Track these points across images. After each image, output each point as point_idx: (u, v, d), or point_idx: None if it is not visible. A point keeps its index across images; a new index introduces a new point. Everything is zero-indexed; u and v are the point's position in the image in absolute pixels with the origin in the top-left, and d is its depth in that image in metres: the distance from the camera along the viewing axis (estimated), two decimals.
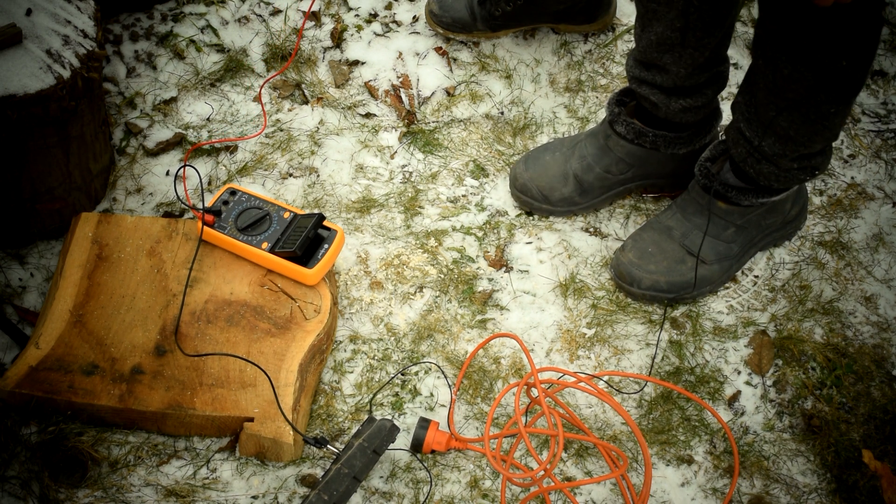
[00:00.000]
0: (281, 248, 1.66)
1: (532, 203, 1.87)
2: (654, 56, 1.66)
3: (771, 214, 1.77)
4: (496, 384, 1.69)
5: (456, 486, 1.58)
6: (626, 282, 1.77)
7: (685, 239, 1.76)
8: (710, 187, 1.73)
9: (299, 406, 1.59)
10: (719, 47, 1.66)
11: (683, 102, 1.71)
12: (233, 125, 1.98)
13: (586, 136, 1.86)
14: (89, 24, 1.68)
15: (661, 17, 1.60)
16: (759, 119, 1.61)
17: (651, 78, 1.70)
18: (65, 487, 1.52)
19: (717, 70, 1.70)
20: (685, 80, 1.68)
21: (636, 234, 1.80)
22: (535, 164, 1.87)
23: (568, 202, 1.86)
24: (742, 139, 1.65)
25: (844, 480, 1.61)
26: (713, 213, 1.74)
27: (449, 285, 1.79)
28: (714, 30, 1.60)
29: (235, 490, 1.55)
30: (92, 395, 1.55)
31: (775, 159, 1.63)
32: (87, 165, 1.77)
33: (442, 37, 2.13)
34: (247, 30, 2.12)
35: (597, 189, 1.85)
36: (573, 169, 1.84)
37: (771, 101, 1.56)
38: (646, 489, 1.52)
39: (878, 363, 1.74)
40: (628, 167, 1.83)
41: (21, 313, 1.71)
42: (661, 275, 1.75)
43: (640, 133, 1.79)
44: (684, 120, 1.76)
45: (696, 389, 1.70)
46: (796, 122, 1.56)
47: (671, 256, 1.75)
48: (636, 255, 1.76)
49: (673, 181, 1.88)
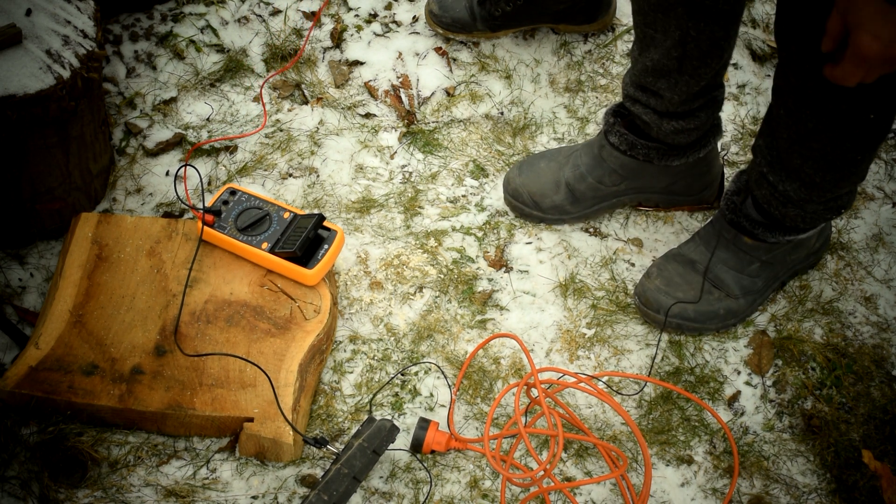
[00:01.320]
0: (281, 248, 1.66)
1: (522, 209, 1.85)
2: (648, 81, 1.64)
3: (797, 250, 1.74)
4: (496, 384, 1.69)
5: (456, 487, 1.58)
6: (653, 308, 1.72)
7: (709, 273, 1.72)
8: (736, 222, 1.69)
9: (299, 406, 1.59)
10: (715, 76, 1.63)
11: (676, 125, 1.69)
12: (233, 125, 1.98)
13: (583, 146, 1.85)
14: (89, 25, 1.68)
15: (658, 44, 1.58)
16: (782, 165, 1.56)
17: (645, 100, 1.68)
18: (65, 487, 1.52)
19: (711, 96, 1.67)
20: (678, 107, 1.66)
21: (660, 263, 1.76)
22: (528, 170, 1.85)
23: (559, 210, 1.84)
24: (766, 182, 1.61)
25: (844, 480, 1.61)
26: (738, 247, 1.70)
27: (449, 285, 1.79)
28: (711, 60, 1.58)
29: (235, 490, 1.55)
30: (92, 395, 1.55)
31: (801, 204, 1.59)
32: (87, 166, 1.77)
33: (442, 37, 2.13)
34: (247, 30, 2.12)
35: (589, 199, 1.83)
36: (566, 177, 1.83)
37: (795, 150, 1.52)
38: (646, 489, 1.52)
39: (877, 363, 1.74)
40: (621, 179, 1.81)
41: (21, 313, 1.71)
42: (689, 303, 1.71)
43: (633, 145, 1.75)
44: (676, 141, 1.73)
45: (695, 390, 1.70)
46: (822, 169, 1.52)
47: (697, 288, 1.72)
48: (663, 283, 1.73)
49: (667, 196, 1.86)
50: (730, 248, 1.71)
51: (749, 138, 2.01)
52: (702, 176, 1.84)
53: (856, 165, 1.53)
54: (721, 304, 1.72)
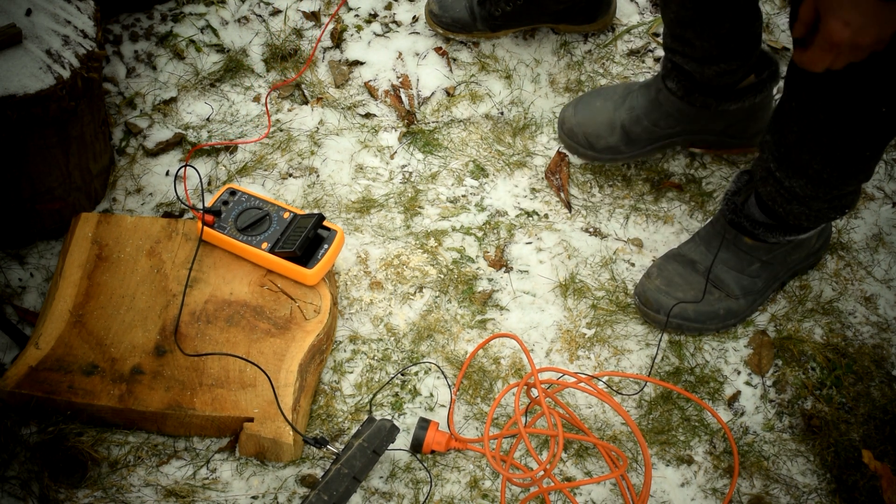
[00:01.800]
0: (281, 248, 1.66)
1: (577, 148, 1.87)
2: (677, 32, 1.66)
3: (797, 251, 1.74)
4: (496, 384, 1.69)
5: (456, 487, 1.58)
6: (653, 308, 1.72)
7: (710, 273, 1.72)
8: (737, 223, 1.69)
9: (299, 406, 1.59)
10: (741, 14, 1.62)
11: (717, 68, 1.69)
12: (232, 125, 1.98)
13: (639, 86, 1.85)
14: (89, 25, 1.68)
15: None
16: (790, 160, 1.56)
17: (681, 49, 1.69)
18: (65, 487, 1.52)
19: (748, 32, 1.66)
20: (714, 50, 1.66)
21: (660, 263, 1.76)
22: (584, 108, 1.86)
23: (613, 151, 1.86)
24: (771, 178, 1.60)
25: (844, 480, 1.61)
26: (739, 248, 1.70)
27: (449, 285, 1.79)
28: (727, 2, 1.58)
29: (235, 490, 1.55)
30: (92, 395, 1.55)
31: (806, 201, 1.59)
32: (87, 166, 1.77)
33: (442, 37, 2.13)
34: (247, 30, 2.12)
35: (643, 140, 1.84)
36: (621, 119, 1.83)
37: (804, 145, 1.52)
38: (646, 489, 1.52)
39: (877, 363, 1.74)
40: (677, 122, 1.81)
41: (21, 313, 1.71)
42: (690, 303, 1.71)
43: (690, 90, 1.76)
44: (723, 83, 1.73)
45: (695, 390, 1.70)
46: (830, 165, 1.52)
47: (698, 288, 1.72)
48: (663, 283, 1.73)
49: (721, 139, 1.86)
50: (730, 248, 1.71)
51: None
52: (757, 120, 1.85)
53: (864, 162, 1.53)
54: (721, 305, 1.72)
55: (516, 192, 1.93)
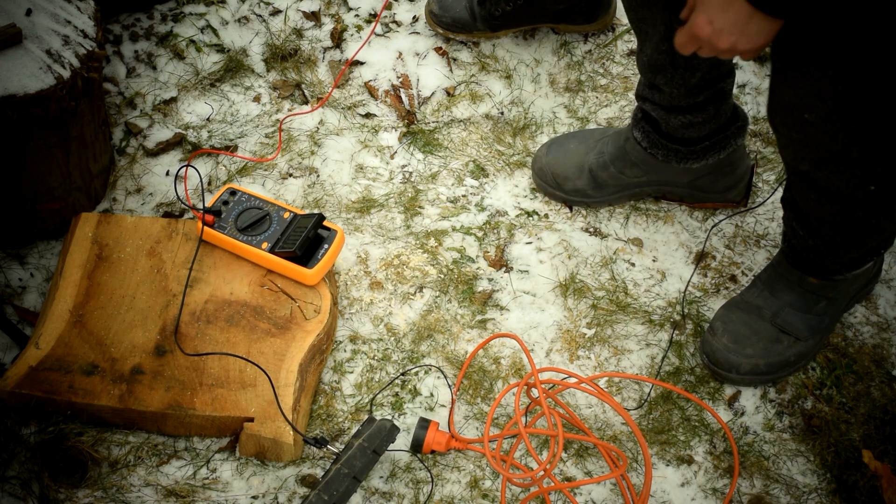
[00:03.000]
0: (281, 248, 1.66)
1: (546, 188, 1.88)
2: (649, 76, 1.65)
3: (858, 280, 1.71)
4: (496, 384, 1.69)
5: (456, 487, 1.58)
6: (724, 368, 1.67)
7: (777, 318, 1.67)
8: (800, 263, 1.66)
9: (299, 406, 1.59)
10: (714, 66, 1.61)
11: (683, 119, 1.68)
12: (233, 125, 1.98)
13: (612, 133, 1.86)
14: (89, 25, 1.68)
15: (649, 38, 1.58)
16: (807, 225, 1.57)
17: (651, 96, 1.68)
18: (65, 487, 1.52)
19: (716, 87, 1.65)
20: (681, 101, 1.65)
21: (723, 315, 1.70)
22: (557, 149, 1.87)
23: (581, 194, 1.86)
24: (797, 235, 1.60)
25: (844, 480, 1.61)
26: (804, 288, 1.66)
27: (449, 285, 1.79)
28: None
29: (235, 490, 1.55)
30: (92, 395, 1.55)
31: (834, 257, 1.59)
32: (87, 166, 1.77)
33: (442, 37, 2.13)
34: (247, 30, 2.12)
35: (611, 187, 1.85)
36: (589, 163, 1.84)
37: (811, 214, 1.53)
38: (646, 489, 1.52)
39: (877, 363, 1.74)
40: (643, 173, 1.82)
41: (21, 313, 1.71)
42: (760, 357, 1.66)
43: (655, 143, 1.75)
44: (687, 136, 1.72)
45: (695, 389, 1.70)
46: (840, 233, 1.53)
47: (766, 337, 1.67)
48: (730, 340, 1.67)
49: (691, 192, 1.85)
50: (795, 289, 1.67)
51: (750, 139, 2.01)
52: (725, 176, 1.82)
53: (872, 228, 1.53)
54: (791, 351, 1.68)
55: (516, 191, 1.93)
